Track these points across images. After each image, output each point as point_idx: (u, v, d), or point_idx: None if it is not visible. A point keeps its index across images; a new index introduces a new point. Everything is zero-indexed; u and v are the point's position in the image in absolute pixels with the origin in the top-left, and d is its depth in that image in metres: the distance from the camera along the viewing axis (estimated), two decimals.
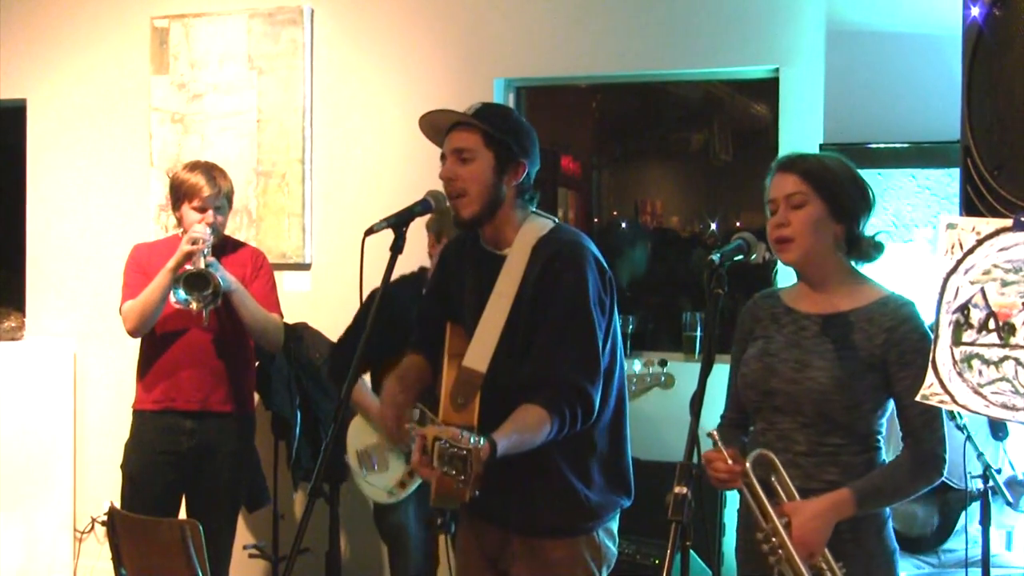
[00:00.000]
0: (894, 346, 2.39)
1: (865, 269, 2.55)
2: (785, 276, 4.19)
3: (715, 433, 2.35)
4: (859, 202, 2.47)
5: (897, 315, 2.41)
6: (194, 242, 3.71)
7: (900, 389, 2.39)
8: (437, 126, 2.75)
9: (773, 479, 2.37)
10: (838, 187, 2.45)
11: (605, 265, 2.70)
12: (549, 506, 2.66)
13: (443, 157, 2.72)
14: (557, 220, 2.77)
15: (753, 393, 2.51)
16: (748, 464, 2.35)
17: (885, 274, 2.62)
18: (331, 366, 3.88)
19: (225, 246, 3.98)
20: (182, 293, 3.66)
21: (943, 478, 2.43)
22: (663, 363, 3.84)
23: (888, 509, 2.47)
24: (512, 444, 2.43)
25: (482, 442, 2.30)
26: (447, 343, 2.75)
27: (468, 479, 2.25)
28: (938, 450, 2.40)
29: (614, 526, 2.79)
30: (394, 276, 3.21)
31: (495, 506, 2.68)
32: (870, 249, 2.50)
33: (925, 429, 2.39)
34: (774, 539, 2.31)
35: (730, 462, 2.34)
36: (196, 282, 3.68)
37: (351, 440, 3.90)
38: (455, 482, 2.28)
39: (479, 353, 2.64)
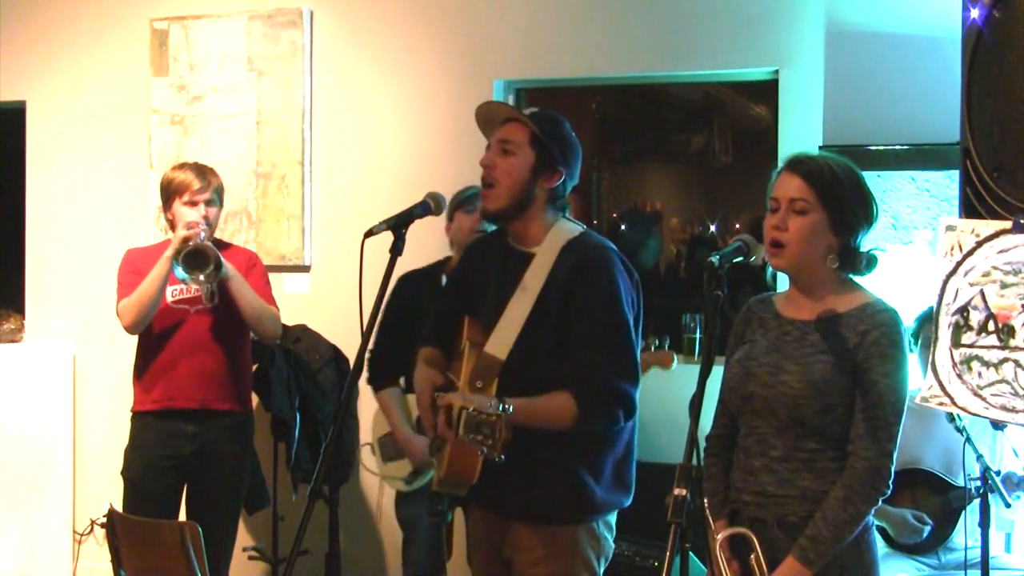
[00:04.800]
0: (862, 349, 2.37)
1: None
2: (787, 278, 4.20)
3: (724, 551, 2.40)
4: (861, 217, 2.43)
5: (872, 320, 2.39)
6: (190, 227, 3.73)
7: (860, 391, 2.37)
8: (490, 119, 2.86)
9: (751, 557, 2.38)
10: (843, 199, 2.41)
11: (631, 266, 2.82)
12: (555, 495, 2.73)
13: (488, 148, 2.82)
14: (586, 227, 2.87)
15: (734, 397, 2.52)
16: (718, 547, 2.40)
17: (884, 276, 2.61)
18: (372, 369, 3.85)
19: (218, 248, 3.97)
20: (182, 271, 3.65)
21: (889, 491, 2.36)
22: (663, 341, 3.84)
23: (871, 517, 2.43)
24: (528, 414, 2.55)
25: (510, 409, 2.42)
26: (465, 332, 2.84)
27: (496, 443, 2.34)
28: (877, 462, 2.34)
29: (612, 519, 2.86)
30: (413, 267, 3.31)
31: (500, 495, 2.75)
32: (863, 263, 2.46)
33: (867, 438, 2.34)
34: None
35: None
36: (197, 260, 3.67)
37: (373, 428, 3.96)
38: (479, 447, 2.37)
39: (500, 341, 2.72)
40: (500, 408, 2.38)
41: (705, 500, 2.39)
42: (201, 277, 3.70)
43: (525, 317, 2.72)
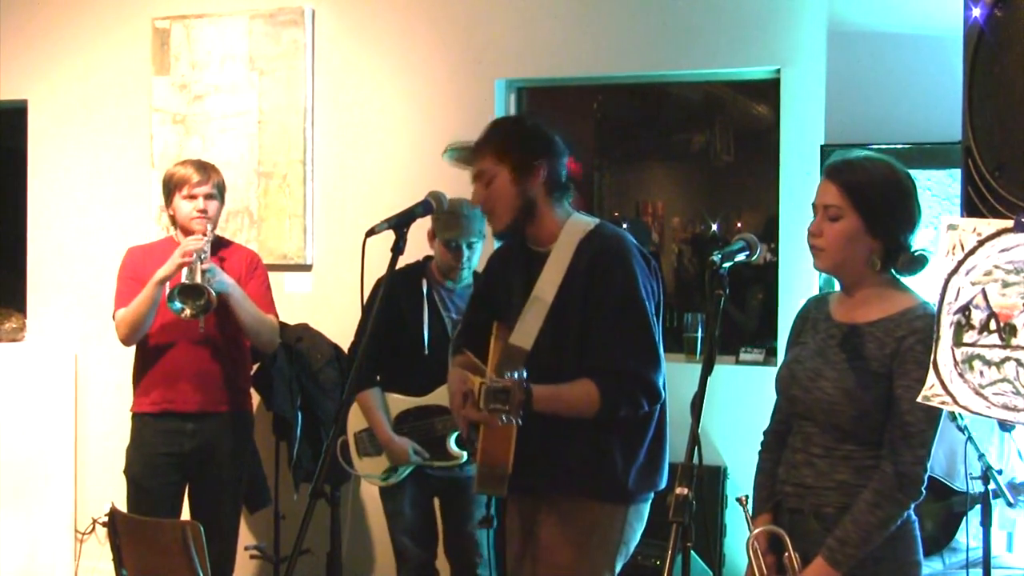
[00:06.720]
0: (898, 355, 2.37)
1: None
2: (790, 277, 4.19)
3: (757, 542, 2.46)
4: (899, 218, 2.42)
5: (911, 326, 2.38)
6: (186, 254, 3.70)
7: (892, 398, 2.37)
8: (468, 162, 2.96)
9: (784, 556, 2.43)
10: (879, 203, 2.40)
11: (648, 254, 2.89)
12: (583, 469, 2.79)
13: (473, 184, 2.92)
14: (600, 219, 2.92)
15: (782, 398, 2.58)
16: (753, 542, 2.44)
17: None
18: (354, 374, 3.87)
19: (220, 246, 3.98)
20: (177, 304, 3.67)
21: (921, 497, 2.37)
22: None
23: (913, 513, 2.43)
24: (549, 397, 2.65)
25: (524, 374, 2.54)
26: (493, 332, 2.93)
27: (512, 408, 2.48)
28: (907, 469, 2.34)
29: (645, 509, 2.91)
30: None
31: (533, 477, 2.81)
32: (909, 263, 2.44)
33: (900, 443, 2.35)
34: None
35: None
36: (191, 292, 3.69)
37: (349, 424, 3.94)
38: (499, 416, 2.51)
39: (524, 332, 2.81)
40: (516, 375, 2.52)
41: (748, 495, 2.48)
42: (188, 312, 3.68)
43: (546, 311, 2.80)
